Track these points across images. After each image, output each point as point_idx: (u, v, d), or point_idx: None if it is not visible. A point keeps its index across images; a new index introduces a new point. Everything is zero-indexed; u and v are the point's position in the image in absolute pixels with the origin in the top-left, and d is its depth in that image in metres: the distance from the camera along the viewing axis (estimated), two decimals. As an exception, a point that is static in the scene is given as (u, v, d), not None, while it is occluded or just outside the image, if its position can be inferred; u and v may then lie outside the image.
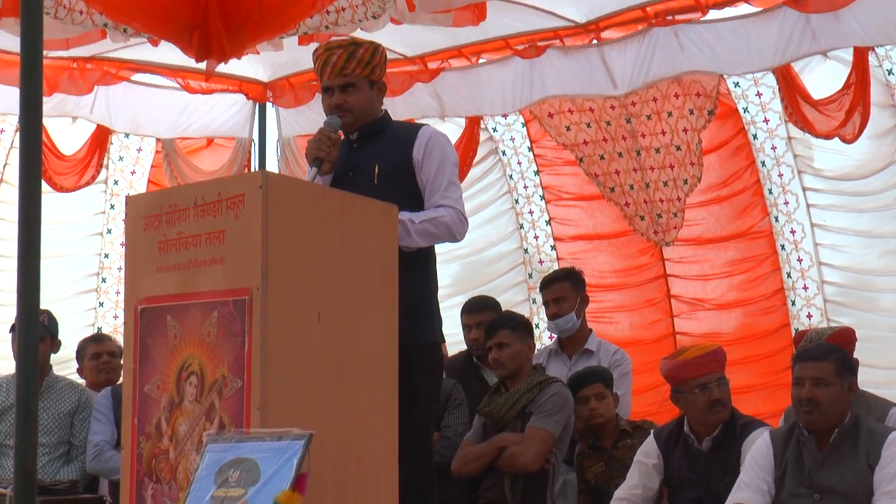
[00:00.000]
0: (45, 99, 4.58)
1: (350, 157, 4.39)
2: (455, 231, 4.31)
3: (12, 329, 5.85)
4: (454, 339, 7.42)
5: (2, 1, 5.72)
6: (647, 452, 5.06)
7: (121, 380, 5.40)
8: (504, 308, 6.52)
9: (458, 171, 4.47)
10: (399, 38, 7.94)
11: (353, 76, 4.34)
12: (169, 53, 8.26)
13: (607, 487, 5.36)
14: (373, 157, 4.37)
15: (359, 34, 6.77)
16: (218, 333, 3.29)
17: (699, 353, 5.06)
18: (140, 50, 8.17)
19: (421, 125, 4.64)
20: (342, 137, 4.39)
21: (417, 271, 4.25)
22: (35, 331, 4.33)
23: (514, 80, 8.17)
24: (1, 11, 5.79)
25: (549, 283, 6.36)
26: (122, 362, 4.87)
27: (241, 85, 8.97)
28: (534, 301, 8.81)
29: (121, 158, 9.06)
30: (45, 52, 4.67)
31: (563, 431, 5.41)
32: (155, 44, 7.21)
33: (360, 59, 4.34)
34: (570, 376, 5.87)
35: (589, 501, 5.60)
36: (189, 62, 8.51)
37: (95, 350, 6.80)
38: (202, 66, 8.60)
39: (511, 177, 8.87)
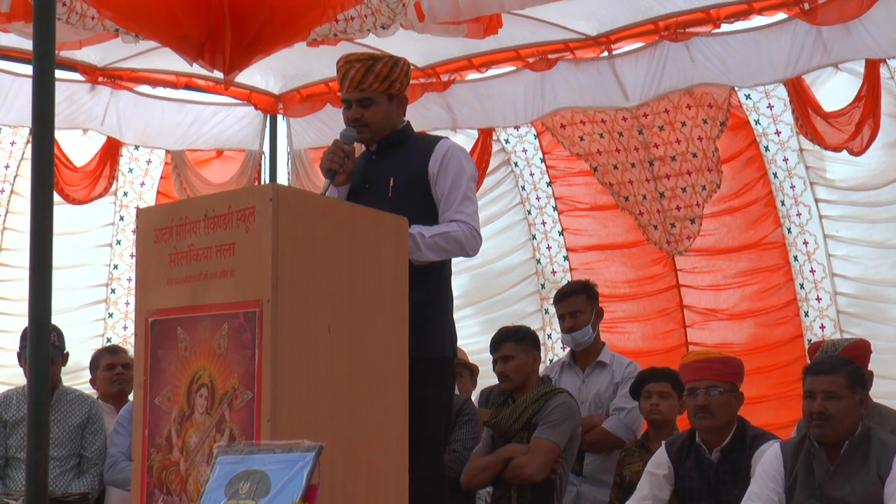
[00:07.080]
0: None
1: (368, 169, 4.38)
2: (467, 246, 4.27)
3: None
4: (468, 350, 7.45)
5: (11, 4, 5.74)
6: (658, 463, 5.04)
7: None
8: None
9: (474, 185, 4.41)
10: (410, 48, 7.96)
11: (369, 91, 4.33)
12: (181, 63, 8.30)
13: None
14: (389, 169, 4.35)
15: (370, 41, 6.78)
16: (228, 345, 3.29)
17: (694, 359, 5.08)
18: (151, 60, 8.20)
19: (440, 138, 4.57)
20: (359, 149, 4.38)
21: (431, 285, 4.22)
22: (46, 343, 4.34)
23: (525, 92, 8.19)
24: (11, 16, 5.81)
25: (564, 297, 6.27)
26: (134, 374, 4.86)
27: (252, 96, 9.00)
28: (546, 311, 8.79)
29: (130, 170, 9.08)
30: (58, 52, 4.68)
31: (570, 442, 5.39)
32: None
33: (377, 74, 4.32)
34: (640, 371, 5.84)
35: (619, 495, 5.56)
36: (201, 70, 8.57)
37: (110, 361, 6.77)
38: (213, 74, 8.66)
39: (523, 188, 8.87)
